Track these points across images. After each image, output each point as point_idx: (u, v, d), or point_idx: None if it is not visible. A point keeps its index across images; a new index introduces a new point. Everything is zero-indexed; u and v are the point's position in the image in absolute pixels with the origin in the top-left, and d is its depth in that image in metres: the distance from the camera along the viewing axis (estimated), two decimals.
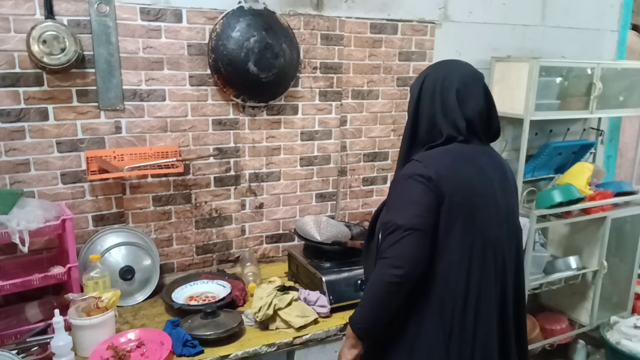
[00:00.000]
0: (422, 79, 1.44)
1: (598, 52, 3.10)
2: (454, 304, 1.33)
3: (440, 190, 1.30)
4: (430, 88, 1.41)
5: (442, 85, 1.39)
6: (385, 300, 1.34)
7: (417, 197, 1.30)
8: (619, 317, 2.98)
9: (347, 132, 2.46)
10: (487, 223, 1.35)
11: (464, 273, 1.33)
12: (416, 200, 1.31)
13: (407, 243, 1.29)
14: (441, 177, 1.30)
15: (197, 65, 2.09)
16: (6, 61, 1.79)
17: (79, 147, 1.95)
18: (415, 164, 1.34)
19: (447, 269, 1.33)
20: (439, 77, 1.40)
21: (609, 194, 2.74)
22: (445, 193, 1.30)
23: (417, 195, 1.31)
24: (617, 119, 3.31)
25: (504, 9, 2.72)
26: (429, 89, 1.41)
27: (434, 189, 1.30)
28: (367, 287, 1.39)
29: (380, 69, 2.47)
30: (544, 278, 2.72)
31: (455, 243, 1.32)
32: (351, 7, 2.33)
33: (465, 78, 1.40)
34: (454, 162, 1.35)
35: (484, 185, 1.36)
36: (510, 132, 2.84)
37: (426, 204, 1.30)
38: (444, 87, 1.38)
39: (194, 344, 1.64)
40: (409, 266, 1.29)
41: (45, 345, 1.59)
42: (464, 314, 1.33)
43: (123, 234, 2.03)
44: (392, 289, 1.31)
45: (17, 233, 1.60)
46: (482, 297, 1.35)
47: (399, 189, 1.37)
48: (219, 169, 2.22)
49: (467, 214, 1.32)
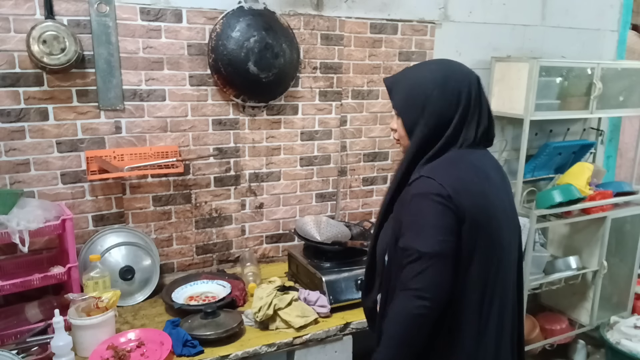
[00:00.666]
0: (437, 80, 1.29)
1: (598, 52, 3.10)
2: (478, 324, 1.25)
3: (460, 208, 1.20)
4: (449, 90, 1.28)
5: (459, 89, 1.28)
6: (414, 335, 1.23)
7: (437, 220, 1.20)
8: (619, 317, 2.98)
9: (347, 132, 2.46)
10: (502, 231, 1.29)
11: (490, 290, 1.26)
12: (436, 223, 1.20)
13: (434, 271, 1.18)
14: (458, 193, 1.21)
15: (197, 65, 2.09)
16: (6, 61, 1.79)
17: (79, 147, 1.95)
18: (428, 182, 1.22)
19: (471, 289, 1.24)
20: (454, 79, 1.29)
21: (609, 194, 2.74)
22: (465, 210, 1.21)
23: (437, 217, 1.20)
24: (617, 119, 3.31)
25: (504, 9, 2.72)
26: (447, 91, 1.28)
27: (454, 208, 1.20)
28: (389, 324, 1.25)
29: (380, 69, 2.47)
30: (544, 278, 2.72)
31: (477, 260, 1.24)
32: (351, 7, 2.33)
33: (471, 79, 1.31)
34: (465, 173, 1.26)
35: (494, 192, 1.30)
36: (510, 132, 2.85)
37: (448, 226, 1.20)
38: (460, 90, 1.28)
39: (194, 344, 1.64)
40: (438, 296, 1.19)
41: (45, 345, 1.59)
42: (485, 332, 1.26)
43: (123, 234, 2.03)
44: (420, 321, 1.21)
45: (17, 233, 1.60)
46: (503, 307, 1.29)
47: (414, 210, 1.24)
48: (219, 169, 2.22)
49: (485, 228, 1.24)
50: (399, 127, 1.35)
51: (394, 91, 1.36)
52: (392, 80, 1.39)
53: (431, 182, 1.22)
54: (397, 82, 1.37)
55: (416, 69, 1.37)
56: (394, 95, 1.36)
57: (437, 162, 1.28)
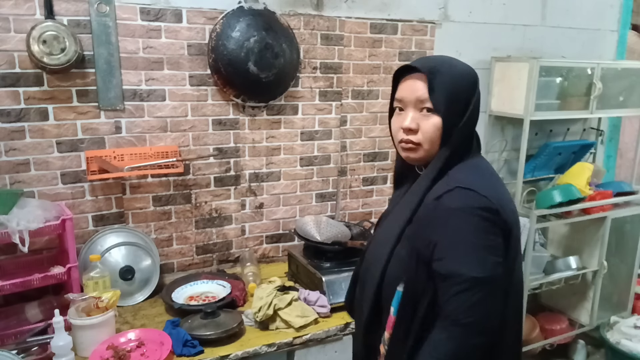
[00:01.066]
0: (475, 75, 1.17)
1: (598, 52, 3.10)
2: (511, 344, 1.17)
3: (507, 224, 1.08)
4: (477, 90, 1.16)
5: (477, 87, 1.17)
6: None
7: (488, 239, 1.05)
8: (619, 317, 2.98)
9: (347, 132, 2.46)
10: (519, 239, 1.18)
11: (519, 303, 1.19)
12: (488, 243, 1.05)
13: (492, 299, 1.04)
14: (503, 207, 1.08)
15: (197, 65, 2.09)
16: (6, 61, 1.79)
17: (79, 147, 1.95)
18: (470, 194, 1.06)
19: (507, 309, 1.12)
20: (472, 75, 1.18)
21: (609, 194, 2.74)
22: (512, 226, 1.09)
23: (488, 235, 1.05)
24: (617, 119, 3.31)
25: (504, 9, 2.72)
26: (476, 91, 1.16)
27: (501, 224, 1.07)
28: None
29: (380, 69, 2.47)
30: (544, 278, 2.72)
31: (515, 277, 1.15)
32: (351, 7, 2.33)
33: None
34: (496, 182, 1.16)
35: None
36: (510, 132, 2.84)
37: (499, 246, 1.06)
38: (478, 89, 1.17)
39: (194, 344, 1.64)
40: (496, 326, 1.06)
41: (45, 345, 1.59)
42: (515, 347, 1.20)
43: (123, 234, 2.03)
44: (478, 355, 1.05)
45: (17, 233, 1.60)
46: (520, 319, 1.23)
47: (456, 228, 1.05)
48: (219, 169, 2.22)
49: (519, 242, 1.16)
50: (429, 128, 1.13)
51: (435, 83, 1.11)
52: (431, 68, 1.12)
53: (474, 195, 1.06)
54: (438, 72, 1.12)
55: (451, 60, 1.18)
56: (435, 89, 1.11)
57: (463, 170, 1.12)
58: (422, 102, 1.12)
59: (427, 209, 1.11)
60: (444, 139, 1.13)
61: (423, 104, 1.12)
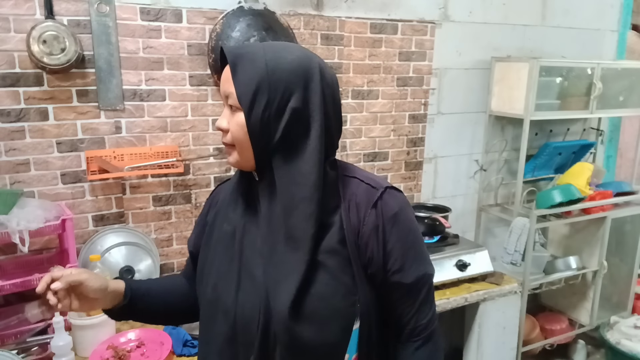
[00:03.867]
0: (302, 69, 0.92)
1: (598, 52, 3.10)
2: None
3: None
4: (328, 91, 0.95)
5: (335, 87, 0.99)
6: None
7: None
8: (619, 317, 2.98)
9: (347, 132, 2.46)
10: None
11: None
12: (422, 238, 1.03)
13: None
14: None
15: (197, 65, 2.08)
16: (6, 61, 1.79)
17: (79, 147, 1.95)
18: (399, 195, 0.98)
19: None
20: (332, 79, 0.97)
21: (609, 194, 2.74)
22: None
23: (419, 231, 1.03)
24: (617, 119, 3.31)
25: (504, 9, 2.72)
26: (328, 92, 0.95)
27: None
28: None
29: (380, 69, 2.47)
30: (544, 278, 2.72)
31: None
32: (351, 7, 2.33)
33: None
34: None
35: None
36: (510, 132, 2.84)
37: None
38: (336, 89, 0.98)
39: (194, 344, 1.64)
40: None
41: (45, 345, 1.60)
42: None
43: (123, 234, 2.03)
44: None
45: (17, 233, 1.60)
46: None
47: (406, 231, 0.97)
48: (219, 169, 2.22)
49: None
50: (234, 127, 0.93)
51: (238, 72, 0.91)
52: (236, 56, 0.92)
53: (401, 195, 0.99)
54: (243, 60, 0.92)
55: (273, 46, 0.95)
56: (239, 80, 0.91)
57: (353, 168, 1.03)
58: (227, 98, 0.93)
59: (361, 219, 0.94)
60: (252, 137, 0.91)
61: (228, 99, 0.93)
